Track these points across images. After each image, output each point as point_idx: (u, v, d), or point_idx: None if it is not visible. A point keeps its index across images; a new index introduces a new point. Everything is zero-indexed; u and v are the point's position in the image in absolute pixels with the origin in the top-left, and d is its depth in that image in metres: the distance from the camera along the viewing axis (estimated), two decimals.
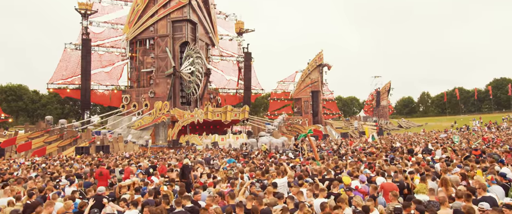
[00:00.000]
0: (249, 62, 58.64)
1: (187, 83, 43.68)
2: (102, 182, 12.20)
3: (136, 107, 46.94)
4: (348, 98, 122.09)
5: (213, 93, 53.54)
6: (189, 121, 38.03)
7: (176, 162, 18.29)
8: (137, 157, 23.19)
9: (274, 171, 12.08)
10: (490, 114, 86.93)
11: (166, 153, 28.38)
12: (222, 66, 59.30)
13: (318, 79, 72.28)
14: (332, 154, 18.35)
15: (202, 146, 32.85)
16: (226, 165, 17.49)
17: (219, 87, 58.93)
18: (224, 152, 25.16)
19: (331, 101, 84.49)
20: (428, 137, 36.51)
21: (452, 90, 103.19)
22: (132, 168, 15.48)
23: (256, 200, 7.06)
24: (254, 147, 29.42)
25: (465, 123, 69.68)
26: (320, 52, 72.16)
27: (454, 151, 15.90)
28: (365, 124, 74.92)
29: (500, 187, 7.66)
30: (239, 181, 11.02)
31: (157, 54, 46.59)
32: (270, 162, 15.20)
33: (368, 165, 12.52)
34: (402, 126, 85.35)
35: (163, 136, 42.06)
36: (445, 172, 10.24)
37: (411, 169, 10.53)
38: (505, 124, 64.03)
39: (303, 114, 71.32)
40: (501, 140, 25.37)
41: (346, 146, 25.73)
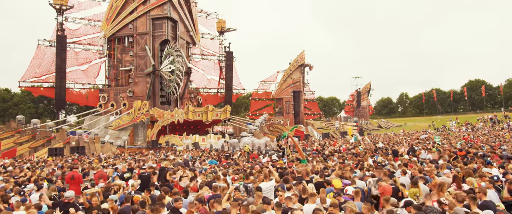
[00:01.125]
0: (230, 61, 57.99)
1: (167, 83, 42.65)
2: (73, 186, 11.38)
3: (114, 106, 45.53)
4: (328, 99, 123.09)
5: (193, 92, 52.61)
6: (169, 120, 37.08)
7: (154, 163, 17.56)
8: (114, 159, 22.24)
9: (260, 174, 11.60)
10: (465, 114, 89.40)
11: (145, 154, 27.47)
12: (203, 65, 58.40)
13: (299, 79, 72.32)
14: (316, 155, 17.98)
15: (182, 146, 32.01)
16: (207, 166, 16.90)
17: (200, 86, 57.99)
18: (205, 153, 24.49)
19: (313, 101, 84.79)
20: (408, 137, 36.91)
21: (430, 92, 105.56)
22: (108, 171, 14.67)
23: (243, 207, 6.53)
24: (236, 148, 28.85)
25: (442, 123, 71.29)
26: (302, 52, 72.26)
27: (439, 151, 15.82)
28: (346, 124, 75.61)
29: (492, 190, 7.40)
30: (222, 185, 10.47)
31: (136, 52, 45.30)
32: (254, 164, 14.67)
33: (356, 167, 12.19)
34: (382, 126, 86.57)
35: (142, 136, 40.90)
36: (435, 174, 10.03)
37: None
38: (480, 124, 65.83)
39: (285, 114, 71.20)
40: (480, 140, 25.75)
41: (329, 147, 25.50)
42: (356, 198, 7.67)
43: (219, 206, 7.09)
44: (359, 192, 7.78)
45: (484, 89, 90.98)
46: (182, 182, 10.83)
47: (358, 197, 7.71)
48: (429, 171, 10.50)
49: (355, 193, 7.81)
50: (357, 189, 7.93)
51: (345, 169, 11.07)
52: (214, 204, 7.24)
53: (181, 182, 10.81)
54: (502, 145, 18.50)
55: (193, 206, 7.07)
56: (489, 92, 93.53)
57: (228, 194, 7.75)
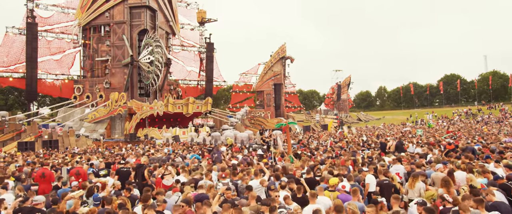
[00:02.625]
0: (211, 53, 56.77)
1: (145, 74, 41.20)
2: (44, 185, 10.36)
3: (89, 98, 43.70)
4: (308, 92, 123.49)
5: (173, 84, 51.26)
6: (148, 113, 35.79)
7: (133, 158, 16.61)
8: (90, 153, 21.08)
9: (247, 170, 10.93)
10: (441, 108, 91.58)
11: (123, 147, 26.28)
12: (183, 56, 56.92)
13: (280, 72, 71.95)
14: (303, 148, 17.48)
15: (162, 140, 30.93)
16: (188, 160, 16.12)
17: (179, 78, 56.61)
18: (185, 147, 23.60)
19: (293, 94, 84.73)
20: (390, 130, 37.17)
21: (407, 85, 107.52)
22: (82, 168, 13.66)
23: (235, 210, 5.85)
24: (218, 141, 28.04)
25: (420, 116, 72.72)
26: (283, 45, 71.78)
27: (427, 145, 15.62)
28: (327, 117, 76.00)
29: (499, 191, 6.97)
30: (207, 183, 9.75)
31: (113, 42, 43.53)
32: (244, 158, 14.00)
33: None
34: (361, 119, 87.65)
35: (119, 129, 39.47)
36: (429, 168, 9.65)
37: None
38: (456, 117, 67.54)
39: (266, 106, 70.78)
40: (462, 133, 26.02)
41: (313, 140, 25.12)
42: (353, 197, 7.12)
43: (209, 210, 6.37)
44: (357, 190, 7.23)
45: (459, 84, 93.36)
46: (166, 179, 10.01)
47: (356, 196, 7.16)
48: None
49: (353, 192, 7.26)
50: (355, 188, 7.39)
51: (340, 166, 10.47)
52: (203, 207, 6.52)
53: (164, 180, 9.98)
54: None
55: (178, 209, 6.34)
56: (463, 86, 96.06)
57: (218, 195, 7.01)
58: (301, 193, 7.70)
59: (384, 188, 8.56)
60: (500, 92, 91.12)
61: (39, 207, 6.40)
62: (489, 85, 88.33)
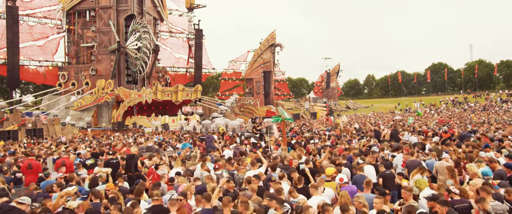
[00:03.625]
0: (200, 40, 55.66)
1: (133, 61, 40.14)
2: (31, 176, 9.80)
3: (75, 85, 42.51)
4: (297, 80, 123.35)
5: (161, 72, 50.26)
6: (136, 101, 34.98)
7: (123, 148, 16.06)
8: (77, 142, 20.38)
9: (242, 159, 10.55)
10: (428, 96, 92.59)
11: (110, 136, 25.59)
12: (171, 43, 55.70)
13: (270, 60, 71.24)
14: (297, 137, 17.16)
15: (151, 128, 30.31)
16: (181, 150, 15.69)
17: (167, 65, 55.52)
18: (176, 135, 23.10)
19: (283, 82, 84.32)
20: (380, 119, 37.28)
21: (395, 74, 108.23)
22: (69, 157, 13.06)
23: (242, 204, 5.47)
24: (208, 129, 27.61)
25: (409, 105, 73.44)
26: (273, 32, 70.89)
27: (421, 133, 15.50)
28: (316, 104, 76.09)
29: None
30: (204, 174, 9.33)
31: (99, 27, 42.19)
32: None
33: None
34: (350, 107, 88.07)
35: (106, 117, 38.58)
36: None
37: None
38: (443, 105, 68.41)
39: (255, 94, 70.27)
40: (453, 122, 26.15)
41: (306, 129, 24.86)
42: (366, 189, 6.81)
43: (208, 204, 5.97)
44: (370, 182, 6.92)
45: (446, 72, 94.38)
46: (160, 170, 9.52)
47: (368, 188, 6.86)
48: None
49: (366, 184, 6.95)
50: (368, 179, 7.08)
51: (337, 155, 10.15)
52: (202, 201, 6.12)
53: (158, 170, 9.49)
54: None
55: (175, 203, 5.91)
56: (450, 75, 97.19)
57: (218, 188, 6.60)
58: (302, 184, 7.37)
59: (386, 179, 8.29)
60: (485, 81, 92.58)
61: (22, 208, 5.70)
62: (475, 74, 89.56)
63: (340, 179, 7.24)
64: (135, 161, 10.07)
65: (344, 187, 7.03)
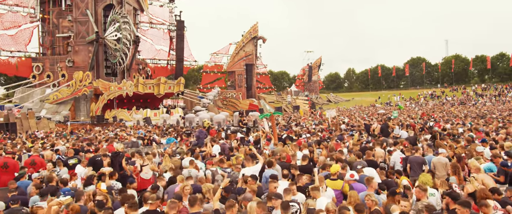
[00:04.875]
0: (181, 31, 54.24)
1: (112, 52, 38.73)
2: (6, 176, 8.99)
3: (50, 77, 40.69)
4: (278, 73, 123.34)
5: (142, 64, 48.84)
6: (116, 93, 33.76)
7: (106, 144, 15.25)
8: (55, 137, 19.33)
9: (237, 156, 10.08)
10: (406, 90, 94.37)
11: (90, 130, 24.53)
12: (152, 34, 54.11)
13: (252, 52, 70.66)
14: (288, 131, 16.77)
15: (132, 122, 29.32)
16: (166, 146, 15.09)
17: (148, 57, 54.01)
18: (159, 130, 22.34)
19: (265, 75, 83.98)
20: (363, 112, 37.48)
21: (375, 68, 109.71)
22: (46, 154, 12.22)
23: (259, 205, 5.02)
24: (193, 123, 26.91)
25: (388, 98, 74.64)
26: (255, 24, 70.28)
27: (410, 127, 15.42)
28: (298, 98, 76.20)
29: None
30: (196, 173, 8.81)
31: (75, 17, 40.42)
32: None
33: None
34: (331, 100, 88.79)
35: (85, 111, 37.13)
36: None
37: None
38: (422, 99, 69.87)
39: (237, 87, 69.69)
40: (435, 115, 26.44)
41: (293, 123, 24.53)
42: (369, 187, 6.47)
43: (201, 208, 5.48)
44: (372, 179, 6.57)
45: (424, 67, 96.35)
46: (144, 172, 8.86)
47: (371, 186, 6.52)
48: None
49: (367, 181, 6.61)
50: (368, 176, 6.73)
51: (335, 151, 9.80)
52: (196, 205, 5.58)
53: (142, 173, 8.85)
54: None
55: (175, 207, 5.39)
56: (428, 69, 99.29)
57: (220, 189, 6.10)
58: (304, 182, 6.97)
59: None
60: (461, 76, 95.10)
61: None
62: (451, 69, 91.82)
63: (351, 175, 6.91)
64: (119, 160, 9.38)
65: (354, 184, 6.70)
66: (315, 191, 6.13)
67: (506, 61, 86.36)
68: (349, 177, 7.05)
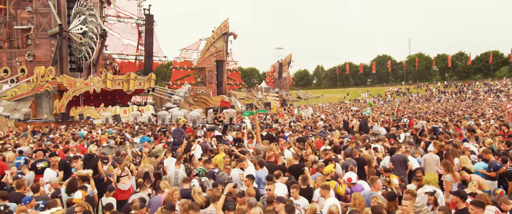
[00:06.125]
0: (151, 26, 52.38)
1: (77, 46, 36.71)
2: None
3: (8, 72, 38.01)
4: (248, 69, 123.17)
5: (109, 59, 46.79)
6: (82, 90, 32.03)
7: (74, 143, 14.24)
8: (15, 137, 17.90)
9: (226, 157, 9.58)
10: (373, 86, 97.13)
11: (55, 129, 23.01)
12: (119, 29, 51.87)
13: (223, 49, 69.92)
14: (268, 129, 16.43)
15: (100, 119, 27.89)
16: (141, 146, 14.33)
17: (115, 52, 51.83)
18: (130, 128, 21.30)
19: (235, 71, 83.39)
20: (335, 109, 37.90)
21: (343, 65, 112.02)
22: (7, 156, 11.21)
23: None
24: (165, 121, 25.96)
25: (356, 95, 76.32)
26: (226, 20, 69.55)
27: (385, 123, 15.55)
28: (269, 94, 76.32)
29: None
30: (183, 175, 8.26)
31: (36, 8, 37.95)
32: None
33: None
34: (301, 97, 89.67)
35: (47, 108, 35.03)
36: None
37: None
38: (389, 96, 72.03)
39: (207, 84, 68.77)
40: (409, 112, 27.11)
41: (270, 120, 24.26)
42: (373, 188, 6.24)
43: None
44: (376, 179, 6.34)
45: (390, 64, 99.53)
46: (122, 183, 8.09)
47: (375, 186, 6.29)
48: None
49: (371, 181, 6.37)
50: (374, 177, 6.49)
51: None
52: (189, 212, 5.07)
53: (120, 184, 8.05)
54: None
55: None
56: (393, 67, 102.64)
57: (224, 196, 5.61)
58: (306, 185, 6.63)
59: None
60: (424, 73, 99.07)
61: None
62: (415, 67, 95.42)
63: (348, 179, 6.62)
64: (94, 162, 8.60)
65: (354, 187, 6.44)
66: (325, 190, 5.83)
67: (465, 60, 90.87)
68: (347, 181, 6.79)
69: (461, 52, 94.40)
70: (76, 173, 7.41)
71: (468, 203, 4.99)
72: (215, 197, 5.59)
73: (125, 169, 8.34)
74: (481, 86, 68.93)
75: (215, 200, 5.51)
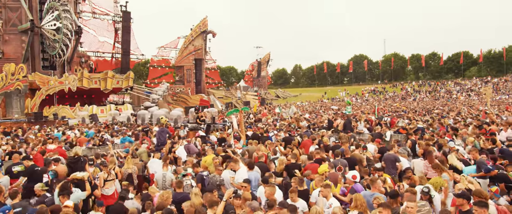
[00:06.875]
0: (128, 23, 51.04)
1: (51, 43, 35.24)
2: None
3: None
4: (226, 68, 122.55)
5: (84, 56, 45.23)
6: (56, 88, 30.76)
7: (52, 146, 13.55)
8: None
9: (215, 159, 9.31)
10: (350, 85, 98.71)
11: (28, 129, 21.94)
12: (95, 25, 50.17)
13: (201, 47, 69.25)
14: (252, 129, 16.25)
15: (76, 119, 26.87)
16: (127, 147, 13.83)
17: (91, 50, 50.19)
18: (107, 129, 20.59)
19: (214, 70, 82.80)
20: (314, 107, 38.18)
21: (321, 64, 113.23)
22: None
23: None
24: (145, 120, 25.31)
25: (334, 94, 77.33)
26: (205, 18, 68.86)
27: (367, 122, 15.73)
28: (248, 93, 76.16)
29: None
30: (171, 177, 7.97)
31: (4, 2, 36.21)
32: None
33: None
34: (280, 96, 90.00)
35: (18, 107, 33.41)
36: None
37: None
38: (367, 94, 73.38)
39: (186, 82, 67.91)
40: (388, 110, 27.61)
41: (253, 119, 24.09)
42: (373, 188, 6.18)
43: None
44: (376, 179, 6.29)
45: (366, 64, 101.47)
46: (107, 188, 7.55)
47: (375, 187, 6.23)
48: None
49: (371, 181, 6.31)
50: (373, 177, 6.45)
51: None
52: None
53: (104, 189, 7.48)
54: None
55: None
56: (369, 66, 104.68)
57: (224, 202, 5.37)
58: (303, 186, 6.51)
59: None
60: (399, 73, 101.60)
61: None
62: (391, 66, 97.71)
63: (353, 176, 6.56)
64: (82, 165, 8.15)
65: (355, 185, 6.37)
66: (327, 189, 5.72)
67: (437, 60, 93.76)
68: (351, 179, 6.71)
69: (434, 53, 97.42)
70: (72, 175, 6.97)
71: (471, 203, 4.99)
72: (213, 202, 5.37)
73: (111, 173, 7.89)
74: (453, 86, 71.38)
75: (213, 205, 5.29)
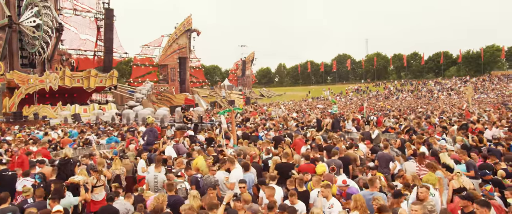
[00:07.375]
0: (111, 20, 50.03)
1: (30, 40, 34.15)
2: None
3: None
4: (210, 67, 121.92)
5: (65, 54, 44.06)
6: (37, 87, 29.83)
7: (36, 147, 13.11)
8: None
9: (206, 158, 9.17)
10: (334, 84, 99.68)
11: (8, 129, 21.20)
12: (76, 22, 48.95)
13: (186, 45, 68.55)
14: (242, 128, 16.13)
15: (58, 119, 26.13)
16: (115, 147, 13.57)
17: (71, 48, 48.94)
18: (94, 129, 20.12)
19: (198, 69, 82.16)
20: (300, 107, 38.35)
21: (305, 63, 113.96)
22: None
23: None
24: (130, 120, 24.82)
25: (318, 93, 77.90)
26: (189, 16, 68.15)
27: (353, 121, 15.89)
28: (232, 92, 75.90)
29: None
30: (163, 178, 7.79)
31: None
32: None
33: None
34: (264, 95, 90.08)
35: None
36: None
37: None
38: (351, 93, 74.21)
39: (170, 81, 67.14)
40: (373, 109, 27.94)
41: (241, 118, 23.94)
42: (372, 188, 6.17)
43: None
44: (375, 179, 6.28)
45: (350, 63, 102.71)
46: (96, 193, 7.16)
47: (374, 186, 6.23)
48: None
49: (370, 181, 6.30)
50: (372, 177, 6.44)
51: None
52: None
53: (93, 194, 7.10)
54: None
55: None
56: (352, 66, 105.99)
57: (224, 206, 5.25)
58: (303, 187, 6.44)
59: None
60: (382, 72, 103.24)
61: None
62: (374, 65, 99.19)
63: (343, 181, 6.51)
64: (72, 168, 7.85)
65: (349, 189, 6.34)
66: (328, 189, 5.66)
67: (419, 60, 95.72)
68: (341, 183, 6.67)
69: (415, 53, 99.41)
70: (70, 179, 6.70)
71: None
72: (212, 204, 5.25)
73: (101, 178, 7.55)
74: (433, 85, 73.01)
75: (213, 208, 5.17)
